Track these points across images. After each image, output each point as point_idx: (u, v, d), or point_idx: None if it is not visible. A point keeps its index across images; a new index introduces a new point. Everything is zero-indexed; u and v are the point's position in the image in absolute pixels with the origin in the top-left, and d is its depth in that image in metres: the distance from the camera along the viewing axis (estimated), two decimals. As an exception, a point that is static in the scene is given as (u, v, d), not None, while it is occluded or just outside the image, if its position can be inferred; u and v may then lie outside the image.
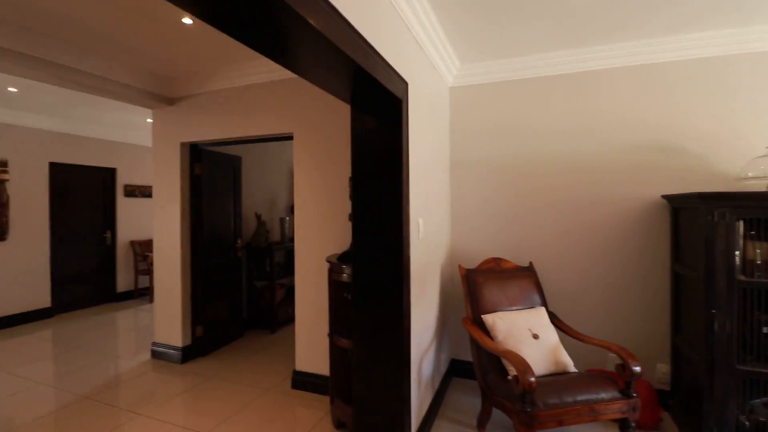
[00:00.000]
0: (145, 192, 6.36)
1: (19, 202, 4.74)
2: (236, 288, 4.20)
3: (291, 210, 5.34)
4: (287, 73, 3.05)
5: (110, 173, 5.93)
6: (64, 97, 4.04)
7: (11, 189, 4.66)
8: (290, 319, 4.60)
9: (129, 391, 3.00)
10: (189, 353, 3.58)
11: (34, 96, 4.00)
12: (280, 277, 4.59)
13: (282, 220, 4.91)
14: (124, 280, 6.03)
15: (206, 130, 3.42)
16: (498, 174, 3.07)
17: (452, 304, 3.19)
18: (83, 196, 5.59)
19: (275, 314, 4.36)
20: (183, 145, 3.57)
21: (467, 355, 3.13)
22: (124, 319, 5.06)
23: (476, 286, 2.61)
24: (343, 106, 2.86)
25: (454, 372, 3.17)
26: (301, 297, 3.04)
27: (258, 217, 4.56)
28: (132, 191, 6.19)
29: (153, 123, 3.68)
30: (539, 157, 2.97)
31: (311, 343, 3.00)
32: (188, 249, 3.62)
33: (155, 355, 3.65)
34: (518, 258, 3.01)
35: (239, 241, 4.23)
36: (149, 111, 4.56)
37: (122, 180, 6.03)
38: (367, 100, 1.92)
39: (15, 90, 3.75)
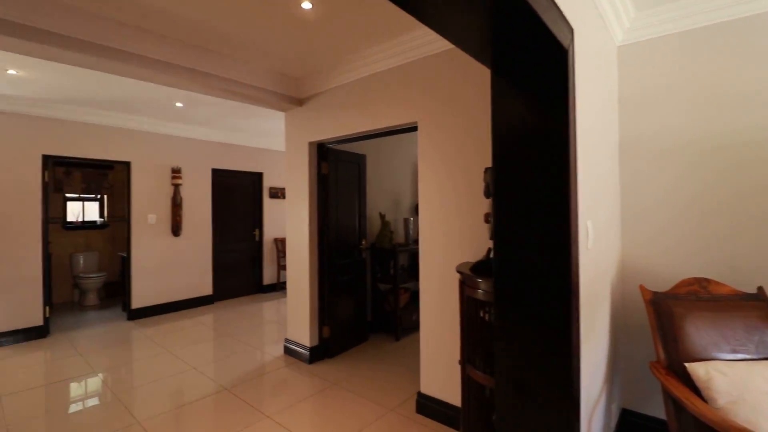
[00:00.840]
0: (285, 194, 6.91)
1: (189, 203, 5.55)
2: (361, 290, 4.08)
3: (415, 210, 5.06)
4: (410, 56, 2.71)
5: (258, 177, 6.58)
6: (220, 108, 4.52)
7: (183, 192, 5.48)
8: (415, 327, 4.30)
9: (260, 388, 3.07)
10: (316, 354, 3.56)
11: (196, 110, 4.57)
12: (405, 281, 4.32)
13: (406, 221, 4.65)
14: (269, 274, 6.63)
15: (331, 128, 3.34)
16: (694, 159, 2.17)
17: (624, 336, 2.40)
18: (237, 198, 6.32)
19: (399, 320, 4.10)
20: (311, 144, 3.57)
21: (645, 407, 2.31)
22: (268, 310, 5.48)
23: (672, 319, 1.83)
24: (476, 84, 2.38)
25: (626, 427, 2.37)
26: (427, 309, 2.67)
27: (382, 217, 4.38)
28: (275, 193, 6.77)
29: (285, 125, 3.79)
30: (762, 133, 1.98)
31: (438, 365, 2.60)
32: (315, 248, 3.61)
33: (287, 351, 3.74)
34: (736, 280, 2.07)
35: (364, 242, 4.10)
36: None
37: (267, 183, 6.64)
38: (515, 57, 1.42)
39: (181, 105, 4.32)
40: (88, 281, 5.79)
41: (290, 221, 3.76)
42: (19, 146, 4.18)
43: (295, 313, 3.71)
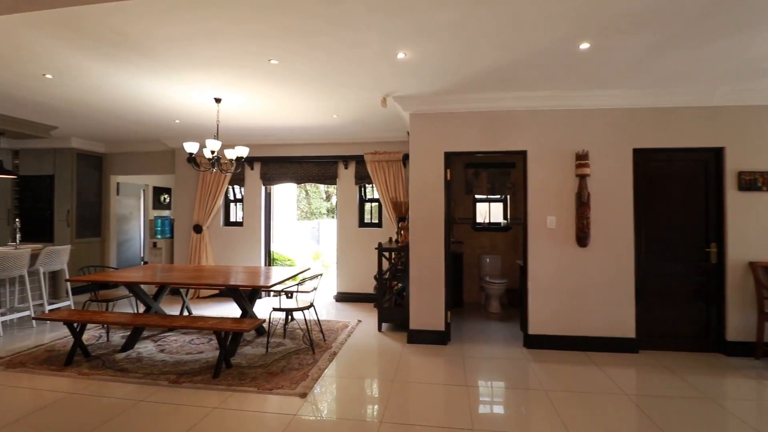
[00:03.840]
0: (778, 180, 3.82)
1: (600, 201, 3.95)
2: None
3: None
4: None
5: (713, 156, 3.96)
6: (650, 36, 2.66)
7: (592, 185, 3.95)
8: None
9: None
10: None
11: (611, 49, 2.90)
12: None
13: None
14: (737, 323, 3.82)
15: None
16: None
17: None
18: (674, 192, 4.03)
19: None
20: None
21: None
22: (736, 401, 2.91)
23: None
24: None
25: None
26: None
27: None
28: (751, 182, 3.86)
29: None
30: None
31: None
32: None
33: None
34: None
35: None
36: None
37: (733, 164, 3.86)
38: None
39: (587, 46, 2.80)
40: (492, 287, 5.49)
41: None
42: (428, 145, 4.21)
43: None
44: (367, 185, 6.38)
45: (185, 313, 5.36)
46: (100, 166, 7.29)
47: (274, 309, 3.90)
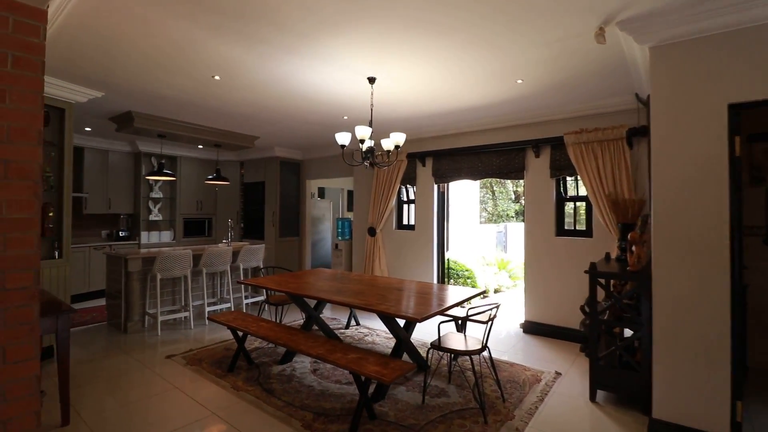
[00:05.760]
0: None
1: None
2: None
3: None
4: None
5: None
6: None
7: None
8: None
9: None
10: None
11: None
12: None
13: None
14: None
15: None
16: None
17: None
18: None
19: None
20: None
21: None
22: None
23: None
24: None
25: None
26: None
27: None
28: None
29: None
30: None
31: None
32: None
33: None
34: None
35: None
36: None
37: None
38: None
39: None
40: (818, 350, 3.01)
41: None
42: (690, 97, 2.40)
43: None
44: (568, 178, 4.68)
45: (352, 322, 5.02)
46: (298, 171, 7.96)
47: (432, 346, 2.91)
